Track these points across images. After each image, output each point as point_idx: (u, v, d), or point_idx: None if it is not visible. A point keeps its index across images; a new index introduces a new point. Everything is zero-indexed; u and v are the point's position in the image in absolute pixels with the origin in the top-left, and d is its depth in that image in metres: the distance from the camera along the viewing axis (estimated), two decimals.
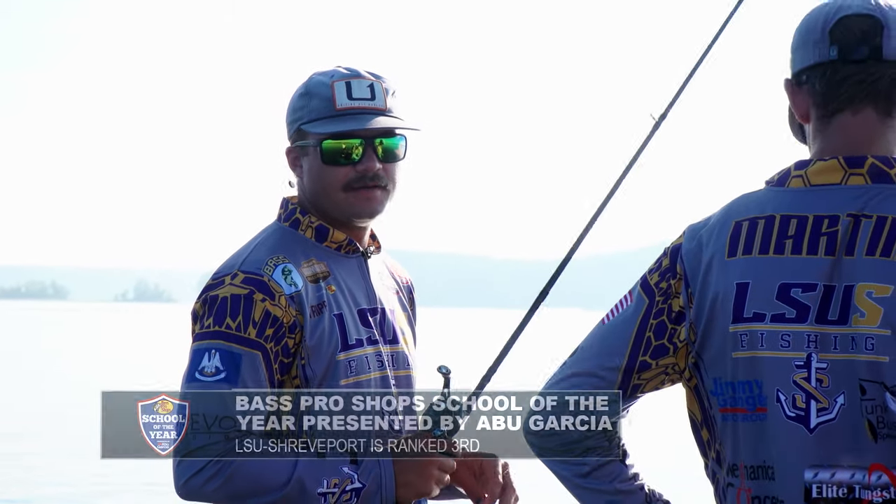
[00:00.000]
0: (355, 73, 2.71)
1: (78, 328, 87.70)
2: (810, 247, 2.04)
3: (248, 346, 2.54)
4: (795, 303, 2.04)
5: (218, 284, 2.61)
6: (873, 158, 2.06)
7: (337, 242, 2.73)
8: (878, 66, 2.09)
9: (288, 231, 2.72)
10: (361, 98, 2.69)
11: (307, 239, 2.71)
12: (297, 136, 2.72)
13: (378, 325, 2.73)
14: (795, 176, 2.10)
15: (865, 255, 2.00)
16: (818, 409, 2.01)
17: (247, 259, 2.64)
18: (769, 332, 2.05)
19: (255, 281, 2.59)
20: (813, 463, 2.01)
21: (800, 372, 2.02)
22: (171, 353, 49.37)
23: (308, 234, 2.72)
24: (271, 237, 2.71)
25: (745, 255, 2.09)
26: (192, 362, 2.53)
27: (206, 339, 2.55)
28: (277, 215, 2.77)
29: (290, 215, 2.73)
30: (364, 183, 2.68)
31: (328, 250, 2.72)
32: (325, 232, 2.72)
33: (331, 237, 2.72)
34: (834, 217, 2.04)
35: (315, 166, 2.69)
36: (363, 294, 2.75)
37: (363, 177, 2.68)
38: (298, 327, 2.59)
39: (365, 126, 2.66)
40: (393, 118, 2.70)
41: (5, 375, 31.78)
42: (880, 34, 2.09)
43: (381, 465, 2.53)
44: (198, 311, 2.61)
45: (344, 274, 2.72)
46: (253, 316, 2.56)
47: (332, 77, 2.70)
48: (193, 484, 2.48)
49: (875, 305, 1.98)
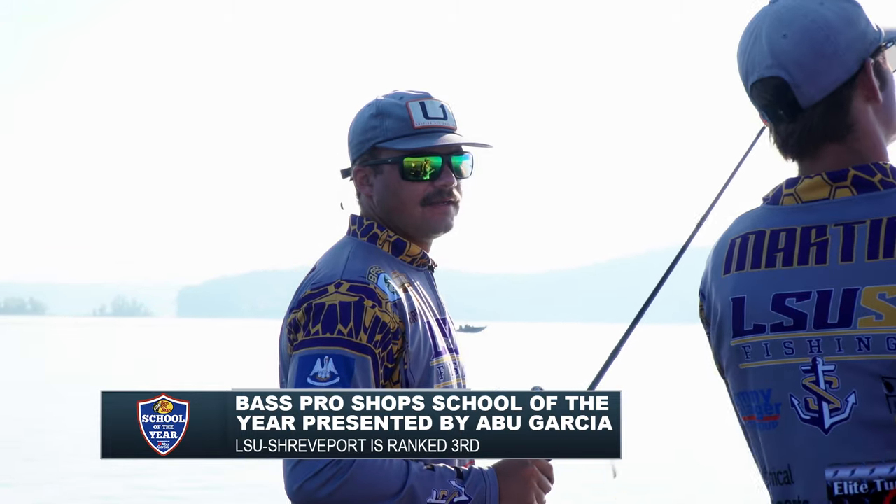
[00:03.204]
0: (426, 95, 2.83)
1: (59, 341, 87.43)
2: (801, 257, 2.08)
3: (361, 351, 2.61)
4: (791, 311, 2.07)
5: (321, 293, 2.67)
6: (854, 170, 2.09)
7: (412, 256, 2.84)
8: (806, 117, 2.11)
9: (366, 245, 2.80)
10: (436, 117, 2.81)
11: (384, 252, 2.80)
12: (370, 154, 2.81)
13: (450, 335, 2.84)
14: (787, 194, 2.14)
15: (868, 260, 2.03)
16: (831, 410, 2.03)
17: (346, 269, 2.71)
18: (772, 342, 2.08)
19: (362, 288, 2.67)
20: (832, 462, 2.03)
21: (808, 376, 2.05)
22: (157, 361, 49.33)
23: (385, 248, 2.81)
24: (359, 249, 2.78)
25: (738, 271, 2.14)
26: (301, 368, 2.60)
27: (317, 346, 2.61)
28: (350, 231, 2.85)
29: (368, 230, 2.82)
30: (442, 198, 2.80)
31: (403, 263, 2.82)
32: (403, 246, 2.82)
33: (407, 251, 2.83)
34: (821, 227, 2.08)
35: (392, 182, 2.80)
36: (436, 305, 2.85)
37: (441, 192, 2.80)
38: (401, 333, 2.67)
39: (445, 143, 2.77)
40: (463, 137, 2.81)
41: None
42: (790, 90, 2.10)
43: (486, 479, 2.63)
44: (300, 319, 2.67)
45: (418, 285, 2.82)
46: (364, 322, 2.63)
47: (403, 98, 2.81)
48: (309, 487, 2.53)
49: (891, 306, 2.00)
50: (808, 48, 2.09)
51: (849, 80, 2.10)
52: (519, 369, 42.11)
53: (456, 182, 2.81)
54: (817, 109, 2.11)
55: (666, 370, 46.10)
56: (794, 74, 2.10)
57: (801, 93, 2.10)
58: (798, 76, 2.10)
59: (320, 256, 2.83)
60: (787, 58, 2.10)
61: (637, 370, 32.19)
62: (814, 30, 2.10)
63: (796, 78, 2.10)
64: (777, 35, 2.11)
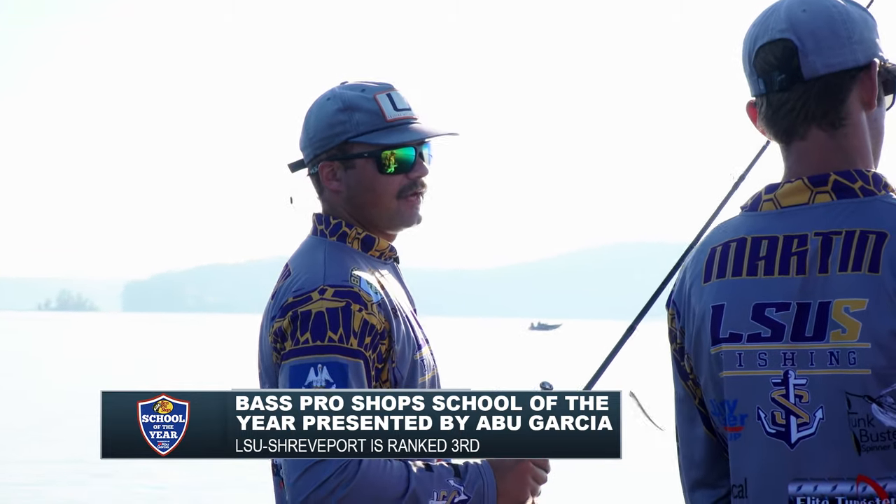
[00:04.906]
0: (388, 86, 2.81)
1: (5, 336, 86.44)
2: (781, 267, 2.08)
3: (353, 356, 2.60)
4: (770, 322, 2.07)
5: (305, 300, 2.64)
6: (835, 175, 2.09)
7: (380, 251, 2.82)
8: (803, 88, 2.10)
9: (337, 244, 2.77)
10: (404, 108, 2.80)
11: (354, 249, 2.78)
12: (340, 149, 2.77)
13: (422, 326, 2.82)
14: (766, 200, 2.13)
15: (839, 272, 2.03)
16: (798, 425, 2.03)
17: (327, 273, 2.68)
18: (746, 352, 2.08)
19: (348, 293, 2.65)
20: (795, 477, 2.03)
21: (777, 389, 2.05)
22: (103, 357, 48.90)
23: (355, 246, 2.78)
24: (333, 251, 2.75)
25: (720, 279, 2.13)
26: (294, 378, 2.58)
27: (309, 355, 2.59)
28: (316, 230, 2.81)
29: (337, 229, 2.79)
30: (415, 189, 2.79)
31: (372, 259, 2.79)
32: (372, 241, 2.80)
33: (376, 246, 2.80)
34: (803, 236, 2.07)
35: (368, 176, 2.77)
36: (406, 298, 2.83)
37: (415, 183, 2.79)
38: (388, 333, 2.66)
39: (421, 136, 2.76)
40: (430, 126, 2.81)
41: None
42: (796, 55, 2.11)
43: (483, 476, 2.63)
44: (286, 328, 2.63)
45: (390, 279, 2.79)
46: (353, 327, 2.61)
47: (367, 90, 2.79)
48: (315, 498, 2.52)
49: (853, 320, 2.00)
50: (824, 23, 2.11)
51: (853, 71, 2.11)
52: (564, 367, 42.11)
53: (428, 172, 2.81)
54: (816, 85, 2.10)
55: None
56: (804, 41, 2.11)
57: (806, 62, 2.10)
58: (808, 44, 2.10)
59: (290, 258, 2.80)
60: (801, 26, 2.12)
61: (640, 367, 32.24)
62: (833, 12, 2.12)
63: (806, 45, 2.10)
64: (797, 8, 2.13)
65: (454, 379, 2.61)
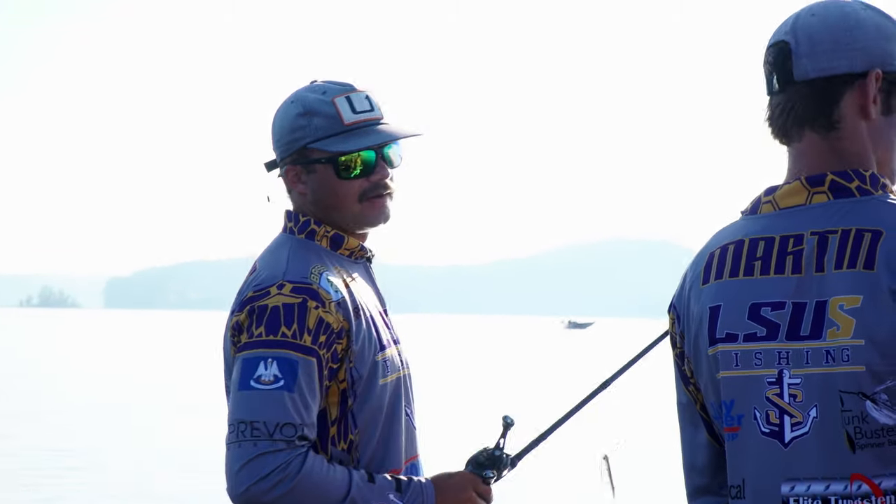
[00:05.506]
0: (350, 87, 2.78)
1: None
2: (777, 266, 2.08)
3: (305, 353, 2.59)
4: (765, 321, 2.07)
5: (264, 295, 2.64)
6: (832, 175, 2.09)
7: (350, 249, 2.81)
8: (794, 90, 2.11)
9: (305, 241, 2.77)
10: (364, 111, 2.77)
11: (323, 248, 2.77)
12: (300, 154, 2.77)
13: (391, 326, 2.82)
14: (766, 202, 2.14)
15: (835, 270, 2.03)
16: (793, 424, 2.03)
17: (288, 269, 2.68)
18: (742, 352, 2.08)
19: (305, 289, 2.64)
20: (789, 477, 2.02)
21: (772, 388, 2.05)
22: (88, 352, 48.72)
23: (324, 244, 2.78)
24: (298, 248, 2.75)
25: (717, 280, 2.13)
26: (244, 371, 2.58)
27: (260, 348, 2.59)
28: (286, 228, 2.82)
29: (305, 227, 2.79)
30: (378, 192, 2.77)
31: (342, 258, 2.79)
32: (341, 240, 2.80)
33: (345, 244, 2.80)
34: (799, 236, 2.07)
35: (328, 181, 2.76)
36: (376, 297, 2.83)
37: (377, 186, 2.77)
38: (346, 332, 2.65)
39: (380, 140, 2.75)
40: (393, 127, 2.79)
41: None
42: (790, 57, 2.11)
43: (424, 493, 2.65)
44: (243, 322, 2.64)
45: (358, 279, 2.79)
46: (307, 324, 2.60)
47: (326, 93, 2.77)
48: (255, 490, 2.51)
49: (847, 317, 2.00)
50: (826, 28, 2.11)
51: (847, 77, 2.10)
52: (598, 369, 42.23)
53: (390, 174, 2.80)
54: (805, 87, 2.10)
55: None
56: (800, 42, 2.11)
57: (798, 63, 2.10)
58: (803, 45, 2.10)
59: (259, 255, 2.80)
60: (802, 29, 2.12)
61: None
62: (842, 19, 2.11)
63: (800, 47, 2.11)
64: (808, 13, 2.14)
65: (510, 381, 2.54)
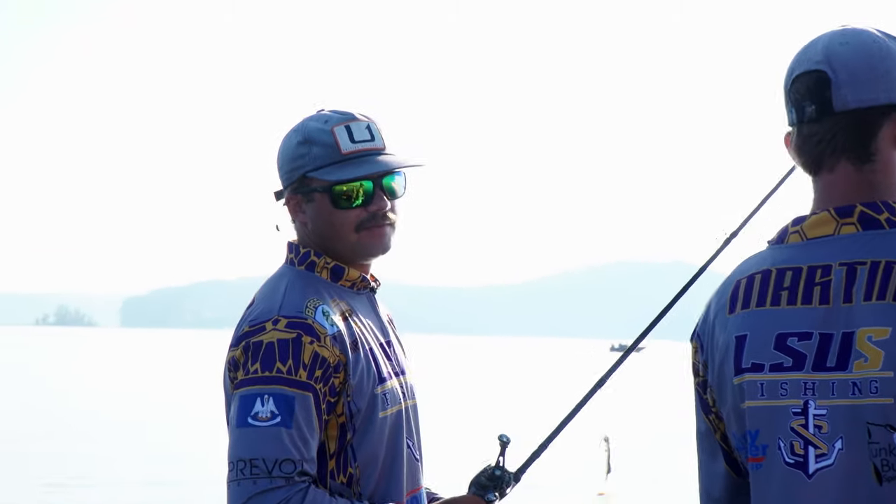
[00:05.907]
0: (350, 116, 2.77)
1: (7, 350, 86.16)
2: (805, 297, 2.07)
3: (301, 388, 2.58)
4: (792, 351, 2.06)
5: (259, 331, 2.63)
6: (862, 206, 2.09)
7: (351, 280, 2.79)
8: (833, 121, 2.10)
9: (304, 273, 2.76)
10: (363, 140, 2.75)
11: (323, 279, 2.76)
12: (300, 183, 2.76)
13: (394, 357, 2.81)
14: (793, 232, 2.13)
15: (864, 302, 2.03)
16: (817, 455, 2.02)
17: (283, 304, 2.66)
18: (768, 382, 2.07)
19: (300, 324, 2.62)
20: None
21: (797, 419, 2.04)
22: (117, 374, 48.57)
23: (324, 275, 2.76)
24: (296, 280, 2.74)
25: (744, 310, 2.12)
26: (241, 408, 2.57)
27: (256, 385, 2.58)
28: (287, 259, 2.81)
29: (305, 258, 2.77)
30: (376, 222, 2.74)
31: (342, 289, 2.77)
32: (341, 271, 2.77)
33: (346, 276, 2.78)
34: (827, 267, 2.07)
35: (325, 211, 2.74)
36: (378, 328, 2.81)
37: (374, 216, 2.74)
38: (342, 366, 2.64)
39: (377, 170, 2.73)
40: (393, 157, 2.77)
41: None
42: (828, 87, 2.10)
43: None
44: (238, 358, 2.63)
45: (360, 310, 2.78)
46: (303, 359, 2.59)
47: (328, 122, 2.75)
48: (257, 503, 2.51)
49: (876, 349, 2.00)
50: (861, 57, 2.10)
51: (886, 109, 2.10)
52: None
53: (389, 204, 2.76)
54: (846, 118, 2.09)
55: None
56: (838, 73, 2.10)
57: (838, 94, 2.09)
58: (842, 76, 2.09)
59: (259, 288, 2.79)
60: (837, 59, 2.11)
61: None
62: (873, 47, 2.12)
63: (839, 77, 2.09)
64: (836, 41, 2.13)
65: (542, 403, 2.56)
